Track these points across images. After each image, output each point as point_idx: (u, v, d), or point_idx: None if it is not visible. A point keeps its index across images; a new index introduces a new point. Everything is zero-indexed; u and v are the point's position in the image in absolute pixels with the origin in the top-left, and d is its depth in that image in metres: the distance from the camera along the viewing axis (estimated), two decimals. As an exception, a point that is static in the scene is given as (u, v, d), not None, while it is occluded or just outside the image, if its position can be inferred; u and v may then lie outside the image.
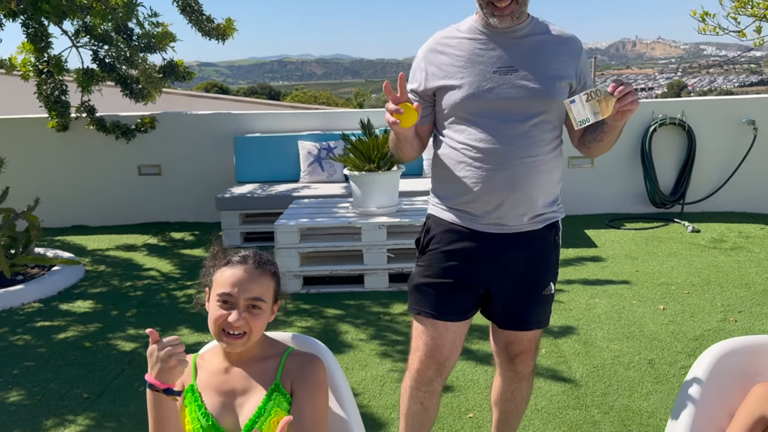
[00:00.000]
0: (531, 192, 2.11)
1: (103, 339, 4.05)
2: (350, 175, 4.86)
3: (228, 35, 6.19)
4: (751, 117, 6.38)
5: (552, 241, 2.26)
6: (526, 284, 2.22)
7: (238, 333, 1.67)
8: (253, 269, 1.71)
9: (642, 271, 4.95)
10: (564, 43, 2.13)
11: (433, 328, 2.20)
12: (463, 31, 2.14)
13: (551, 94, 2.06)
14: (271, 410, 1.66)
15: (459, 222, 2.18)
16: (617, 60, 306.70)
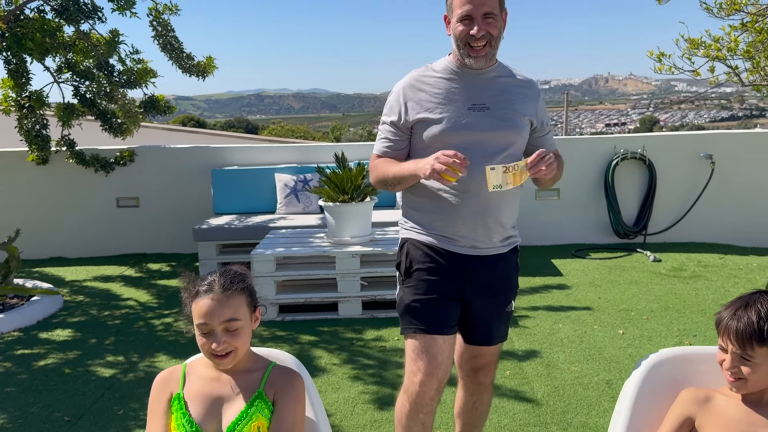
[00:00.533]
0: (501, 217, 2.35)
1: (82, 366, 4.15)
2: (325, 206, 5.05)
3: (208, 73, 6.40)
4: (708, 152, 6.70)
5: (515, 263, 2.51)
6: (495, 303, 2.44)
7: (223, 353, 1.83)
8: (220, 294, 1.84)
9: (604, 298, 5.18)
10: (526, 86, 2.40)
11: (431, 343, 2.30)
12: (438, 70, 2.35)
13: (519, 129, 2.33)
14: (252, 415, 1.81)
15: (437, 244, 2.36)
16: (590, 95, 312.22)
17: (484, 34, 2.20)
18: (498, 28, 2.24)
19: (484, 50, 2.24)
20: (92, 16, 5.88)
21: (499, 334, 2.50)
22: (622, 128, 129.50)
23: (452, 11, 2.25)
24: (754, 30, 5.64)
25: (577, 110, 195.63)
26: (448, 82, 2.32)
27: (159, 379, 1.93)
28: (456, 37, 2.26)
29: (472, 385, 2.58)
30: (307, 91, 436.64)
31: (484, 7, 2.19)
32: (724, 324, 1.82)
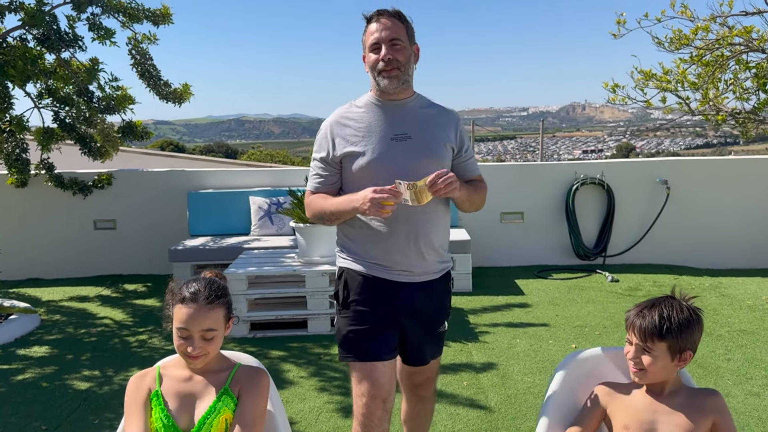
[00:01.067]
0: (433, 243, 2.48)
1: (59, 380, 4.32)
2: (296, 227, 5.28)
3: (184, 99, 6.64)
4: (663, 177, 7.04)
5: (447, 288, 2.62)
6: (428, 327, 2.59)
7: (197, 356, 2.05)
8: (203, 305, 2.04)
9: (561, 315, 5.44)
10: (445, 114, 2.55)
11: (372, 369, 2.41)
12: (360, 106, 2.51)
13: (440, 156, 2.46)
14: (220, 409, 2.04)
15: (373, 273, 2.47)
16: (567, 123, 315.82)
17: (392, 57, 2.38)
18: (406, 56, 2.42)
19: (394, 72, 2.39)
20: (73, 45, 6.09)
21: (432, 354, 2.65)
22: (599, 155, 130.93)
23: (365, 46, 2.45)
24: (701, 63, 6.01)
25: (555, 137, 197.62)
26: (370, 115, 2.47)
27: (135, 378, 2.13)
28: (370, 66, 2.44)
29: (414, 397, 2.76)
30: (287, 116, 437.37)
31: (391, 34, 2.39)
32: (631, 320, 2.09)
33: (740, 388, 3.97)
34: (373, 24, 2.43)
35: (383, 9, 2.45)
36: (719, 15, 5.88)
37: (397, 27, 2.42)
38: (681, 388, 2.09)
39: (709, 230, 7.12)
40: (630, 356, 2.06)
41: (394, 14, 2.44)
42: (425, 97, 2.59)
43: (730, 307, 5.57)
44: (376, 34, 2.40)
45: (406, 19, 2.47)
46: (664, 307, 2.07)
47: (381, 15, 2.43)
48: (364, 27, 2.48)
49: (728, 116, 6.16)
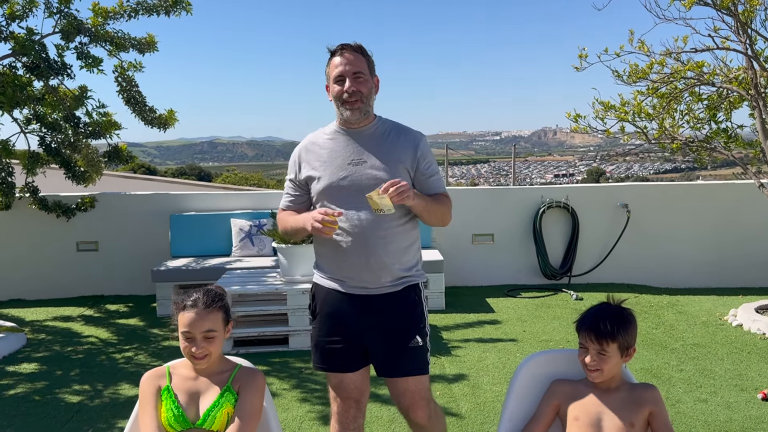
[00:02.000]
0: (384, 260, 2.61)
1: (51, 394, 4.52)
2: (278, 247, 5.55)
3: (169, 125, 6.91)
4: (624, 201, 7.45)
5: (412, 300, 2.70)
6: (393, 338, 2.66)
7: (201, 356, 2.34)
8: (202, 310, 2.35)
9: (528, 331, 5.77)
10: (404, 136, 2.70)
11: (340, 378, 2.70)
12: (327, 133, 2.73)
13: (392, 178, 2.53)
14: (223, 404, 2.33)
15: (332, 286, 2.69)
16: (539, 147, 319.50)
17: (355, 90, 2.58)
18: (368, 88, 2.62)
19: (357, 104, 2.59)
20: (61, 73, 6.33)
21: (404, 369, 2.66)
22: (570, 179, 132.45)
23: (329, 77, 2.65)
24: (656, 95, 6.43)
25: (527, 161, 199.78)
26: (333, 142, 2.69)
27: (148, 376, 2.42)
28: (334, 97, 2.63)
29: (410, 425, 2.79)
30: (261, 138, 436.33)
31: (354, 67, 2.59)
32: (585, 330, 2.39)
33: (690, 395, 4.31)
34: (337, 57, 2.62)
35: (346, 43, 2.64)
36: (674, 51, 6.31)
37: (360, 61, 2.62)
38: (623, 383, 2.41)
39: (667, 251, 7.53)
40: (589, 361, 2.35)
41: (356, 48, 2.64)
42: (389, 120, 2.77)
43: (685, 323, 5.94)
44: (341, 67, 2.60)
45: (367, 53, 2.67)
46: (608, 313, 2.38)
47: (344, 49, 2.62)
48: (327, 59, 2.67)
49: (683, 145, 6.57)
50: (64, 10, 6.31)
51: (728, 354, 5.11)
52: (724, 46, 6.02)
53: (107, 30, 6.50)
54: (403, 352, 2.66)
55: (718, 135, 6.58)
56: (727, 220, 7.50)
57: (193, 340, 2.33)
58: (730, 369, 4.78)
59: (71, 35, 6.33)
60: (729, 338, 5.50)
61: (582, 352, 2.39)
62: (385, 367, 2.69)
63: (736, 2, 5.67)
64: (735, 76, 6.14)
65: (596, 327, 2.35)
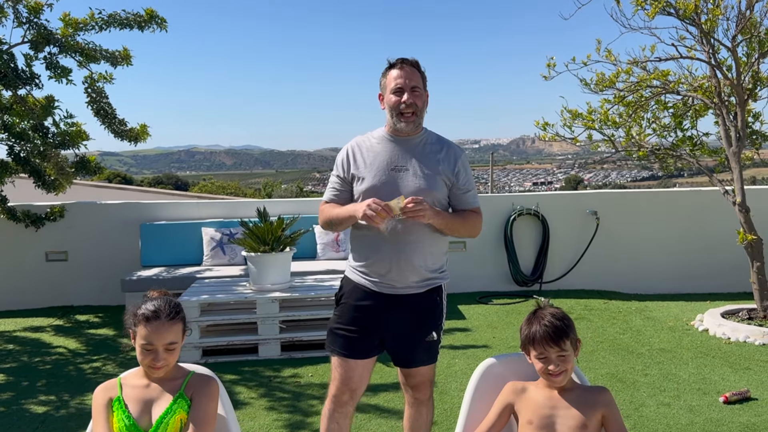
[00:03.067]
0: (412, 262, 2.82)
1: (16, 404, 4.47)
2: (247, 255, 5.55)
3: (141, 139, 6.89)
4: (593, 208, 7.54)
5: (434, 300, 2.92)
6: (413, 334, 2.89)
7: (160, 366, 2.34)
8: (165, 321, 2.34)
9: (498, 337, 5.81)
10: (446, 150, 2.91)
11: (344, 363, 2.90)
12: (375, 137, 2.93)
13: (432, 187, 2.82)
14: (175, 410, 2.32)
15: (362, 283, 2.90)
16: (518, 155, 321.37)
17: (412, 102, 2.79)
18: (422, 101, 2.85)
19: (412, 117, 2.81)
20: (30, 83, 6.30)
21: (420, 359, 2.93)
22: (549, 187, 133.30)
23: (386, 88, 2.85)
24: (623, 104, 6.54)
25: (506, 169, 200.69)
26: (380, 146, 2.89)
27: (99, 388, 2.41)
28: (390, 107, 2.83)
29: (411, 399, 3.05)
30: (240, 147, 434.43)
31: (411, 81, 2.81)
32: (539, 337, 2.41)
33: (653, 399, 4.37)
34: (396, 70, 2.83)
35: (406, 58, 2.85)
36: (640, 60, 6.42)
37: (416, 75, 2.84)
38: (575, 386, 2.45)
39: (637, 258, 7.63)
40: (553, 368, 2.36)
41: (414, 63, 2.85)
42: (434, 133, 2.99)
43: (652, 328, 6.02)
44: (400, 80, 2.81)
45: (422, 69, 2.88)
46: (549, 315, 2.43)
47: (404, 63, 2.84)
48: (384, 70, 2.88)
49: (649, 152, 6.68)
50: (34, 20, 6.28)
51: (693, 358, 5.19)
52: (689, 55, 6.14)
53: (77, 41, 6.47)
54: (420, 347, 2.91)
55: (684, 143, 6.70)
56: (694, 226, 7.62)
57: (153, 352, 2.32)
58: (695, 373, 4.85)
59: (40, 45, 6.30)
60: (695, 343, 5.58)
61: (542, 363, 2.39)
62: (403, 358, 2.95)
63: (699, 12, 5.80)
64: (699, 85, 6.26)
65: (551, 331, 2.39)
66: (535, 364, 2.42)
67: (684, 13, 5.73)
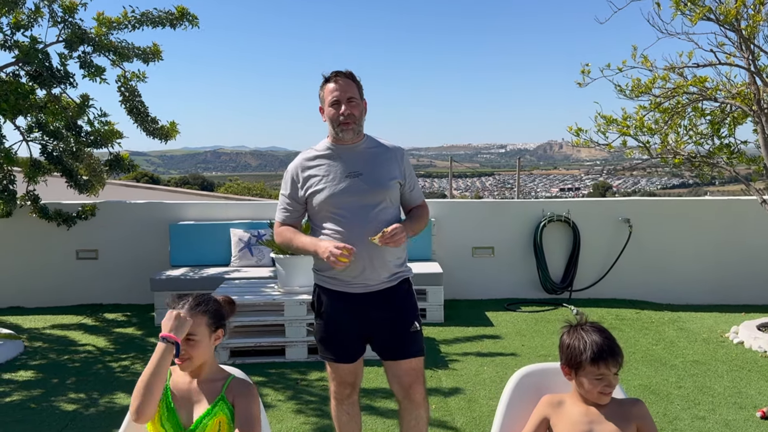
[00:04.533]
0: (384, 257, 2.93)
1: (46, 401, 4.50)
2: (276, 257, 5.53)
3: (171, 137, 6.92)
4: (626, 216, 7.42)
5: (406, 290, 3.05)
6: (397, 326, 3.00)
7: (181, 360, 2.34)
8: (186, 312, 2.36)
9: (527, 345, 5.73)
10: (391, 152, 3.05)
11: (336, 367, 3.08)
12: (319, 150, 3.03)
13: (387, 188, 2.98)
14: (216, 413, 2.32)
15: (335, 288, 2.99)
16: (545, 160, 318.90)
17: (349, 113, 2.90)
18: (359, 110, 2.96)
19: (350, 125, 2.91)
20: (64, 81, 6.36)
21: (408, 352, 3.00)
22: (576, 193, 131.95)
23: (324, 101, 2.95)
24: (659, 110, 6.41)
25: (532, 174, 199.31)
26: (328, 157, 2.99)
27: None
28: (330, 119, 2.94)
29: (406, 402, 3.05)
30: (264, 149, 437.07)
31: (347, 93, 2.91)
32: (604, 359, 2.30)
33: (688, 412, 4.27)
34: (332, 84, 2.94)
35: (339, 70, 2.96)
36: (677, 66, 6.30)
37: (351, 86, 2.94)
38: (611, 398, 2.38)
39: (669, 267, 7.48)
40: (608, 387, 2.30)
41: (348, 75, 2.96)
42: (373, 137, 3.10)
43: (686, 340, 5.90)
44: (336, 93, 2.92)
45: (357, 80, 2.99)
46: (597, 332, 2.37)
47: (338, 76, 2.94)
48: (321, 84, 2.98)
49: (685, 160, 6.55)
50: (69, 19, 6.34)
51: (728, 371, 5.06)
52: (728, 61, 6.01)
53: (111, 40, 6.52)
54: (407, 337, 3.00)
55: (721, 150, 6.56)
56: (729, 236, 7.47)
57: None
58: (730, 386, 4.74)
59: (75, 44, 6.36)
60: (729, 356, 5.45)
61: (597, 382, 2.31)
62: (391, 351, 3.02)
63: (740, 18, 5.67)
64: (738, 92, 6.13)
65: (611, 353, 2.31)
66: (585, 383, 2.32)
67: (725, 18, 5.61)
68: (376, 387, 4.67)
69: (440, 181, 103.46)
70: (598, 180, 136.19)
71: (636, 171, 8.38)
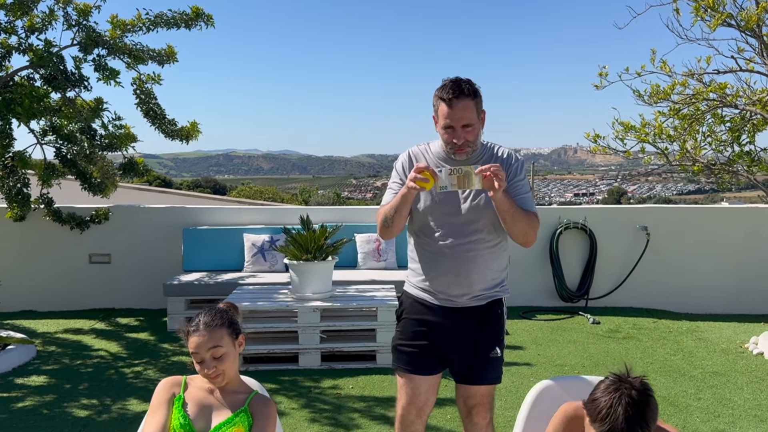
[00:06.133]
0: (470, 278, 2.79)
1: (59, 407, 4.47)
2: (289, 263, 5.49)
3: (192, 137, 6.87)
4: (643, 224, 7.32)
5: (495, 314, 2.88)
6: (475, 348, 2.85)
7: (215, 375, 2.34)
8: (204, 332, 2.35)
9: (543, 354, 5.65)
10: (502, 153, 2.85)
11: (410, 380, 2.88)
12: (432, 152, 2.86)
13: (483, 207, 2.76)
14: (236, 423, 2.30)
15: (422, 297, 2.89)
16: (559, 165, 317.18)
17: (464, 141, 2.70)
18: (476, 134, 2.73)
19: (464, 151, 2.73)
20: (78, 85, 6.34)
21: (482, 377, 2.85)
22: (590, 198, 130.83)
23: (437, 118, 2.73)
24: (678, 117, 6.33)
25: (546, 179, 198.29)
26: (436, 160, 2.82)
27: (165, 382, 2.42)
28: (443, 140, 2.76)
29: (469, 424, 2.92)
30: (277, 152, 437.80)
31: (462, 121, 2.67)
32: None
33: (707, 425, 4.17)
34: (446, 108, 2.66)
35: (457, 88, 2.65)
36: (696, 72, 6.22)
37: (468, 110, 2.66)
38: None
39: (687, 276, 7.38)
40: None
41: (467, 94, 2.66)
42: (489, 145, 2.88)
43: (705, 350, 5.80)
44: (449, 119, 2.67)
45: (477, 94, 2.71)
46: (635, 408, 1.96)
47: (455, 98, 2.64)
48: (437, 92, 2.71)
49: (704, 167, 6.46)
50: (83, 22, 6.32)
51: (748, 383, 4.96)
52: (748, 67, 5.92)
53: (125, 42, 6.50)
54: (484, 362, 2.85)
55: (741, 158, 6.46)
56: (749, 244, 7.35)
57: (203, 362, 2.34)
58: (750, 399, 4.64)
59: (89, 48, 6.34)
60: (749, 367, 5.35)
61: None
62: (466, 374, 2.87)
63: (761, 24, 5.58)
64: (759, 99, 6.03)
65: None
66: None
67: (746, 24, 5.53)
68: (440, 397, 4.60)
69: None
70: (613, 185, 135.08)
71: (651, 177, 8.28)
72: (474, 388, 2.86)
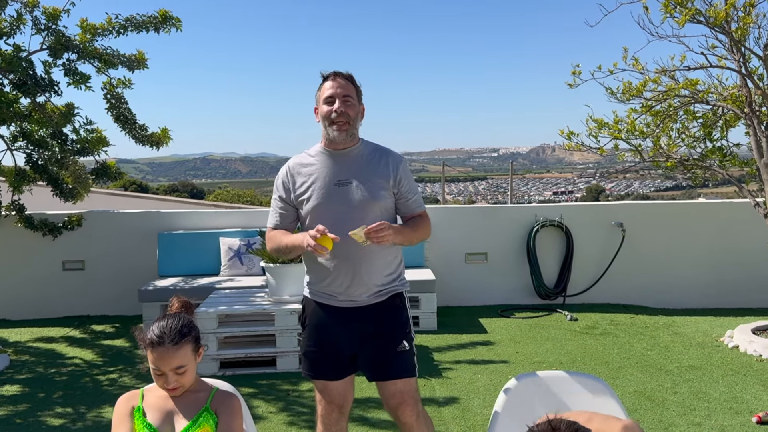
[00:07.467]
0: (370, 275, 2.81)
1: (32, 416, 4.40)
2: (266, 266, 5.45)
3: (162, 143, 6.81)
4: (619, 220, 7.38)
5: (397, 306, 2.90)
6: (382, 344, 2.85)
7: (173, 388, 2.24)
8: (170, 346, 2.20)
9: (521, 352, 5.66)
10: (385, 158, 2.89)
11: (325, 384, 2.91)
12: (312, 154, 2.90)
13: (378, 198, 2.82)
14: (201, 423, 2.23)
15: (322, 301, 2.89)
16: (537, 164, 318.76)
17: (343, 111, 2.77)
18: (355, 112, 2.82)
19: (344, 126, 2.77)
20: (49, 90, 6.26)
21: (392, 372, 2.84)
22: (569, 196, 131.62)
23: (319, 100, 2.84)
24: (650, 113, 6.38)
25: (525, 178, 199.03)
26: (318, 163, 2.86)
27: (122, 398, 2.32)
28: (323, 117, 2.81)
29: (400, 425, 2.91)
30: (255, 155, 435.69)
31: (344, 91, 2.79)
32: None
33: (684, 418, 4.21)
34: (329, 81, 2.82)
35: (338, 71, 2.84)
36: (668, 69, 6.27)
37: (349, 87, 2.82)
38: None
39: (663, 271, 7.44)
40: None
41: (347, 76, 2.84)
42: (371, 142, 2.96)
43: (681, 345, 5.85)
44: (331, 90, 2.80)
45: (356, 82, 2.88)
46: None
47: (337, 75, 2.83)
48: (320, 84, 2.86)
49: (677, 163, 6.51)
50: (52, 26, 6.24)
51: (724, 376, 5.01)
52: (719, 63, 5.98)
53: (95, 47, 6.42)
54: (392, 357, 2.84)
55: (714, 153, 6.52)
56: (723, 239, 7.43)
57: (164, 375, 2.22)
58: (726, 392, 4.68)
59: (59, 52, 6.26)
60: (725, 360, 5.40)
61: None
62: (376, 371, 2.88)
63: (730, 20, 5.64)
64: (730, 94, 6.10)
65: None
66: None
67: (714, 21, 5.58)
68: (368, 396, 4.58)
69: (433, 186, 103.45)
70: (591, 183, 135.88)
71: (629, 174, 8.34)
72: (390, 386, 2.84)
